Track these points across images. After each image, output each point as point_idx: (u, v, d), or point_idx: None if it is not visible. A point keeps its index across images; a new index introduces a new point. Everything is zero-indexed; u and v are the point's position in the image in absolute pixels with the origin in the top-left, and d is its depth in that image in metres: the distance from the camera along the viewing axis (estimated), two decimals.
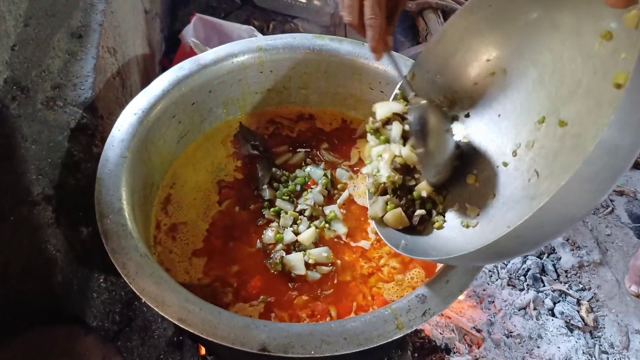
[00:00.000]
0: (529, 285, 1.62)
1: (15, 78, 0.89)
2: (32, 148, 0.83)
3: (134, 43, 1.33)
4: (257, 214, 0.92)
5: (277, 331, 0.62)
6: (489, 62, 0.77)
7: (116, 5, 1.14)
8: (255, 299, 0.81)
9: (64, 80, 0.92)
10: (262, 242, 0.87)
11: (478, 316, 1.52)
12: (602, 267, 1.69)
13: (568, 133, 0.64)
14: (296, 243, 0.86)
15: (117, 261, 0.67)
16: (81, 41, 0.98)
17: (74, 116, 0.88)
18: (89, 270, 0.88)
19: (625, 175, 2.05)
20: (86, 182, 0.82)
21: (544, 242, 0.56)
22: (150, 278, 0.65)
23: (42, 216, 0.79)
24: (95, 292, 0.90)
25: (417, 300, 0.66)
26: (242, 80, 1.00)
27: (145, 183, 0.85)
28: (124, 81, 1.15)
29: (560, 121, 0.65)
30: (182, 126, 0.95)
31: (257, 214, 0.92)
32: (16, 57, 0.91)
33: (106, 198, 0.73)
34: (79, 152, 0.87)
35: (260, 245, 0.87)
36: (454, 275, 0.69)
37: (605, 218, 1.88)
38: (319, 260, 0.85)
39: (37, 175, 0.81)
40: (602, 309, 1.60)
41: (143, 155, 0.83)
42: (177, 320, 0.62)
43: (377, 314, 0.65)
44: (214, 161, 0.99)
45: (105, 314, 0.93)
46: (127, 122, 0.83)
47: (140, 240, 0.70)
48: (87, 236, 0.86)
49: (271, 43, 0.99)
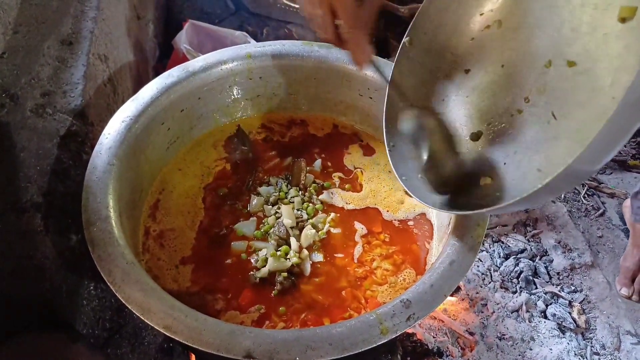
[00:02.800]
0: (521, 288, 1.63)
1: (4, 85, 0.89)
2: (21, 155, 0.83)
3: (126, 49, 1.33)
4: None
5: (263, 337, 0.63)
6: (482, 15, 0.78)
7: (108, 12, 1.15)
8: (247, 308, 0.81)
9: (54, 87, 0.92)
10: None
11: (471, 319, 1.53)
12: (593, 269, 1.70)
13: (578, 71, 0.64)
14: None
15: (102, 268, 0.67)
16: (71, 48, 0.99)
17: (63, 123, 0.88)
18: (78, 277, 0.88)
19: (616, 177, 2.07)
20: (75, 188, 0.82)
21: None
22: (136, 285, 0.66)
23: (31, 223, 0.79)
24: (85, 299, 0.91)
25: (402, 305, 0.67)
26: (231, 87, 1.01)
27: (134, 189, 0.86)
28: (115, 88, 1.16)
29: (568, 62, 0.65)
30: (171, 133, 0.95)
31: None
32: (5, 65, 0.92)
33: (93, 205, 0.74)
34: (69, 159, 0.87)
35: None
36: (438, 279, 0.69)
37: (596, 220, 1.89)
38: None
39: (25, 183, 0.81)
40: (593, 310, 1.61)
41: (131, 162, 0.84)
42: (163, 328, 0.63)
43: (362, 319, 0.66)
44: (203, 166, 0.99)
45: (95, 320, 0.93)
46: (115, 129, 0.83)
47: (127, 248, 0.71)
48: (76, 243, 0.86)
49: (260, 50, 0.99)
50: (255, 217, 0.93)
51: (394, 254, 0.90)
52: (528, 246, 1.76)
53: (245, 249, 0.88)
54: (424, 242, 0.92)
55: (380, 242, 0.91)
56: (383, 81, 0.97)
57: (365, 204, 0.96)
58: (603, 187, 2.01)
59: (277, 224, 0.90)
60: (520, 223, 1.85)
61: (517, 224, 1.85)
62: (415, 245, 0.91)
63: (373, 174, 1.01)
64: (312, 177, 0.99)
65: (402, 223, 0.94)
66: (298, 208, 0.93)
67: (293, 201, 0.94)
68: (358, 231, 0.92)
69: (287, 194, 0.95)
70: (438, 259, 0.73)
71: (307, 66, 1.01)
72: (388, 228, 0.93)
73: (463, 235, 0.75)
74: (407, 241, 0.92)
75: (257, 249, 0.88)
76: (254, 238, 0.90)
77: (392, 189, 0.99)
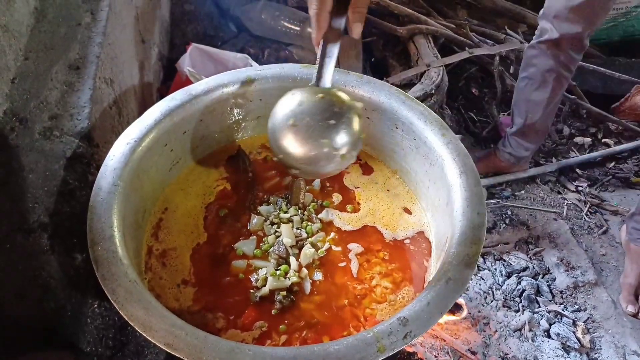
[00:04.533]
0: (524, 307, 1.62)
1: (15, 110, 0.92)
2: (29, 177, 0.86)
3: (131, 73, 1.37)
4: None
5: (261, 355, 0.64)
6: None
7: (113, 37, 1.19)
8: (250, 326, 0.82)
9: (61, 110, 0.95)
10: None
11: (473, 338, 1.52)
12: (597, 287, 1.69)
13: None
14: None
15: (106, 287, 0.69)
16: (78, 73, 1.02)
17: (70, 145, 0.91)
18: (82, 295, 0.90)
19: (619, 194, 2.07)
20: (81, 209, 0.84)
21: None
22: (138, 304, 0.67)
23: (37, 243, 0.81)
24: (89, 318, 0.92)
25: (399, 323, 0.68)
26: (232, 109, 1.03)
27: (138, 209, 0.88)
28: (121, 110, 1.19)
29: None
30: (174, 154, 0.97)
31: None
32: (15, 90, 0.95)
33: (98, 225, 0.76)
34: (75, 180, 0.90)
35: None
36: (435, 297, 0.70)
37: (599, 238, 1.89)
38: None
39: (33, 204, 0.83)
40: (598, 329, 1.60)
41: (135, 183, 0.86)
42: (164, 345, 0.64)
43: (359, 337, 0.67)
44: (205, 186, 1.01)
45: (99, 339, 0.94)
46: (120, 151, 0.86)
47: (131, 267, 0.72)
48: (81, 262, 0.88)
49: (260, 73, 1.02)
50: (256, 236, 0.94)
51: (393, 271, 0.91)
52: (530, 264, 1.75)
53: (245, 267, 0.89)
54: (423, 260, 0.93)
55: (379, 260, 0.93)
56: (379, 102, 1.01)
57: (364, 222, 0.98)
58: (606, 204, 2.02)
59: (277, 243, 0.91)
60: (522, 241, 1.85)
61: (519, 242, 1.85)
62: (414, 263, 0.92)
63: (371, 193, 1.03)
64: (312, 195, 1.01)
65: (401, 242, 0.96)
66: (297, 227, 0.95)
67: (292, 220, 0.95)
68: (354, 250, 0.93)
69: (286, 212, 0.97)
70: (435, 277, 0.74)
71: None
72: (387, 246, 0.95)
73: (459, 253, 0.76)
74: (406, 259, 0.93)
75: (257, 268, 0.89)
76: (254, 257, 0.91)
77: (390, 207, 1.00)
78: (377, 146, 1.07)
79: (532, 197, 2.01)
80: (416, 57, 2.04)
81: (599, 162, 2.19)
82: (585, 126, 2.36)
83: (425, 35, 2.12)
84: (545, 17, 1.63)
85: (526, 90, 1.79)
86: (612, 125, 2.34)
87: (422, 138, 0.95)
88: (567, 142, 2.28)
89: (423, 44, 2.08)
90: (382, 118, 1.02)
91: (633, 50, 2.52)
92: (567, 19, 1.56)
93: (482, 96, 2.42)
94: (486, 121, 2.32)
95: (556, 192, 2.06)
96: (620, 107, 2.35)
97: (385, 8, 2.17)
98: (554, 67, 1.69)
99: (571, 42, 1.62)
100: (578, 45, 1.64)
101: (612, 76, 2.29)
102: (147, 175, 0.91)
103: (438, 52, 2.07)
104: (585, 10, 1.53)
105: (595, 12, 1.55)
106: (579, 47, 1.65)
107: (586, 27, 1.58)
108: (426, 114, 0.97)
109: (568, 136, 2.30)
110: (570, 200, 2.02)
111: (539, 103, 1.78)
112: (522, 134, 1.89)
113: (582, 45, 1.64)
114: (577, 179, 2.12)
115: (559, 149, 2.24)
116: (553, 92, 1.75)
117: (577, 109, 2.38)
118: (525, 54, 1.77)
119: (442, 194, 0.90)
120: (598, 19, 1.59)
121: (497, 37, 2.30)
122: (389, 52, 2.21)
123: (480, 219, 0.80)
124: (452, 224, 0.83)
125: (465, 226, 0.80)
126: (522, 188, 2.05)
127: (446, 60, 2.03)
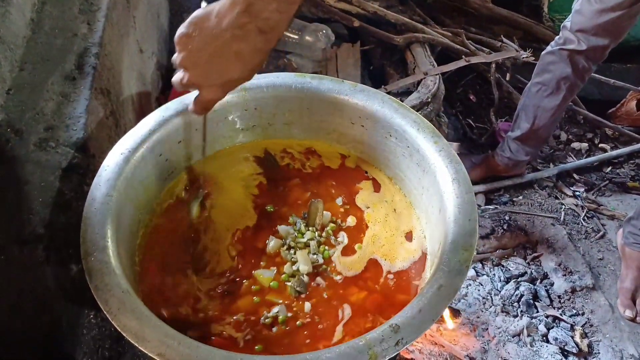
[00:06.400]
0: (522, 312, 1.63)
1: (10, 121, 0.93)
2: (25, 188, 0.86)
3: (129, 82, 1.38)
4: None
5: None
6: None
7: (110, 47, 1.20)
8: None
9: (57, 121, 0.96)
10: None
11: (471, 344, 1.52)
12: (595, 291, 1.69)
13: None
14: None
15: (99, 298, 0.69)
16: (74, 83, 1.03)
17: (65, 156, 0.91)
18: (78, 306, 0.90)
19: (616, 199, 2.08)
20: (77, 220, 0.84)
21: None
22: (131, 314, 0.68)
23: (32, 255, 0.82)
24: (85, 329, 0.92)
25: (390, 330, 0.68)
26: (227, 118, 1.04)
27: (132, 220, 0.88)
28: (118, 120, 1.19)
29: None
30: (168, 164, 0.98)
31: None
32: (11, 101, 0.96)
33: (91, 236, 0.76)
34: (70, 191, 0.90)
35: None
36: (426, 304, 0.71)
37: (597, 242, 1.89)
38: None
39: (28, 215, 0.84)
40: (596, 334, 1.60)
41: (129, 193, 0.86)
42: (157, 356, 0.64)
43: (351, 345, 0.67)
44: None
45: (95, 350, 0.95)
46: (114, 161, 0.86)
47: (124, 277, 0.73)
48: (76, 273, 0.88)
49: (255, 82, 1.03)
50: (276, 267, 0.90)
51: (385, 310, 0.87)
52: (528, 269, 1.76)
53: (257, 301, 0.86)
54: (418, 279, 0.91)
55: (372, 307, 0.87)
56: (373, 110, 1.01)
57: (365, 261, 0.93)
58: (603, 209, 2.02)
59: (298, 275, 0.88)
60: (520, 246, 1.86)
61: (517, 247, 1.85)
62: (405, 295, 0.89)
63: (380, 215, 0.99)
64: (329, 214, 0.98)
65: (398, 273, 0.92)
66: (314, 252, 0.92)
67: (309, 244, 0.92)
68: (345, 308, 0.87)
69: (303, 236, 0.93)
70: (427, 284, 0.75)
71: (300, 97, 1.04)
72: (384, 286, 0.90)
73: (450, 260, 0.76)
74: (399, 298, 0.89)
75: (271, 303, 0.85)
76: (270, 289, 0.87)
77: (393, 235, 0.97)
78: (372, 154, 1.08)
79: (529, 203, 2.02)
80: (413, 65, 2.06)
81: (595, 167, 2.21)
82: (582, 132, 2.37)
83: (422, 44, 2.14)
84: (570, 30, 1.64)
85: (538, 96, 1.79)
86: (609, 131, 2.36)
87: (414, 146, 0.96)
88: (565, 148, 2.29)
89: (420, 52, 2.09)
90: (376, 126, 1.02)
91: (628, 57, 2.54)
92: (595, 34, 1.58)
93: (480, 103, 2.44)
94: (484, 127, 2.33)
95: (554, 197, 2.06)
96: (616, 112, 2.36)
97: (382, 17, 2.18)
98: (570, 76, 1.69)
99: (595, 52, 1.64)
100: (601, 56, 1.66)
101: (608, 82, 2.30)
102: (142, 185, 0.91)
103: (435, 61, 2.08)
104: (611, 27, 1.55)
105: (622, 27, 1.57)
106: (601, 58, 1.67)
107: (612, 41, 1.60)
108: (419, 121, 0.97)
109: (565, 141, 2.32)
110: (567, 205, 2.02)
111: (548, 110, 1.78)
112: (525, 139, 1.89)
113: (604, 56, 1.66)
114: (574, 184, 2.13)
115: (556, 155, 2.25)
116: (564, 100, 1.76)
117: (574, 115, 2.39)
118: (542, 60, 1.77)
119: (435, 201, 0.90)
120: (625, 32, 1.60)
121: (493, 45, 2.31)
122: (387, 61, 2.23)
123: (472, 226, 0.81)
124: (444, 231, 0.83)
125: (456, 233, 0.80)
126: (520, 193, 2.06)
127: (443, 68, 2.05)
